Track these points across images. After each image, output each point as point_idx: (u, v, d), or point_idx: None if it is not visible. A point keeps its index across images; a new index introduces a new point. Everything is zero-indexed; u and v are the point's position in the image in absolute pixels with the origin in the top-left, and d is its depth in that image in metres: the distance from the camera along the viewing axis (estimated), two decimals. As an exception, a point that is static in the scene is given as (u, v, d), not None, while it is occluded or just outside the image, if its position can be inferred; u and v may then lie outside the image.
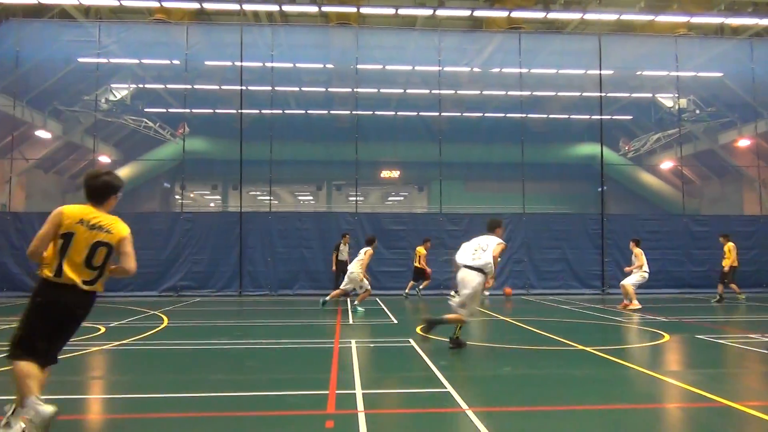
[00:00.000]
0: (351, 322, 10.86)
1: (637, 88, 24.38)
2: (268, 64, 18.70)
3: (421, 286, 16.62)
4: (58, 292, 3.88)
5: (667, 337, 8.81)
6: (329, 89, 22.77)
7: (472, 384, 5.76)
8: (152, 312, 12.32)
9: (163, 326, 10.11)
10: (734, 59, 20.86)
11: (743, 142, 24.81)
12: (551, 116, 23.44)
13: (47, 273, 3.88)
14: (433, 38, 19.23)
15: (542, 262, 18.06)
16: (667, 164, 27.18)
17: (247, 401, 5.19)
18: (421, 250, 16.45)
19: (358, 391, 5.33)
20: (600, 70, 19.09)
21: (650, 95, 25.20)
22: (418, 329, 8.47)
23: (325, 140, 23.07)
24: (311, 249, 17.53)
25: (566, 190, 23.87)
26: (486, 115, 22.40)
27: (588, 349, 7.69)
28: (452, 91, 22.05)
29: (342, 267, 15.02)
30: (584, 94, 21.30)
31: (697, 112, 24.07)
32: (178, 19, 20.41)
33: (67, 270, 3.87)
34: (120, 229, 4.05)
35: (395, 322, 10.88)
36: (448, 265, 17.62)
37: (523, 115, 20.02)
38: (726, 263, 15.10)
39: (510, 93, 20.92)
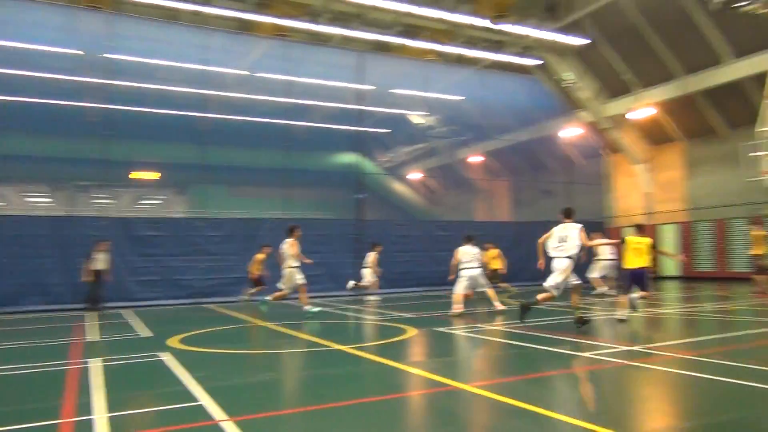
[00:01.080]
0: (93, 338, 9.72)
1: (392, 105, 26.55)
2: (-5, 42, 15.89)
3: (253, 290, 15.83)
4: None
5: (412, 331, 9.68)
6: (76, 78, 20.19)
7: (232, 393, 5.58)
8: None
9: None
10: (471, 86, 24.07)
11: (476, 159, 28.70)
12: (315, 125, 24.20)
13: None
14: (199, 35, 18.39)
15: (303, 266, 18.44)
16: (415, 175, 30.07)
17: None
18: (259, 256, 15.88)
19: (98, 416, 4.76)
20: (360, 84, 20.32)
21: (403, 112, 27.68)
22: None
23: (68, 135, 20.38)
24: (47, 259, 15.26)
25: (327, 196, 24.84)
26: (252, 119, 22.17)
27: (344, 348, 8.05)
28: (218, 92, 21.35)
29: (98, 276, 13.67)
30: (345, 105, 22.45)
31: (442, 129, 27.14)
32: None
33: None
34: None
35: (151, 335, 10.06)
36: (209, 272, 17.00)
37: (288, 122, 20.31)
38: (495, 265, 17.15)
39: (276, 99, 21.04)
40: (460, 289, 12.37)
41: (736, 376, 5.80)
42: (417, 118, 27.14)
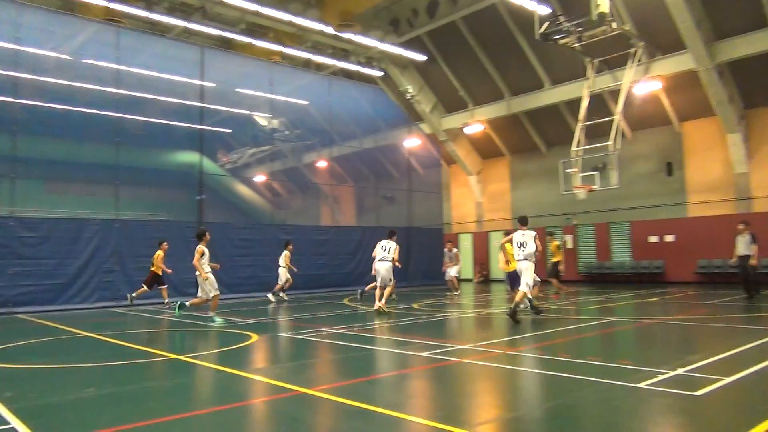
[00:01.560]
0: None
1: (236, 104, 25.70)
2: None
3: (141, 291, 14.99)
4: None
5: (255, 337, 9.43)
6: None
7: (46, 414, 4.96)
8: None
9: None
10: (317, 91, 24.15)
11: (321, 164, 28.85)
12: (151, 120, 22.60)
13: None
14: (9, 10, 16.25)
15: (136, 271, 17.08)
16: (260, 177, 29.44)
17: None
18: (160, 253, 15.08)
19: None
20: (202, 80, 19.38)
21: (247, 112, 26.95)
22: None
23: None
24: None
25: (164, 196, 23.30)
26: (75, 109, 20.06)
27: (180, 357, 7.59)
28: (33, 76, 19.00)
29: None
30: (186, 102, 21.27)
31: (287, 133, 26.88)
32: None
33: None
34: None
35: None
36: (18, 278, 15.03)
37: (120, 115, 18.71)
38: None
39: (105, 89, 19.26)
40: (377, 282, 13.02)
41: (551, 368, 6.46)
42: (261, 119, 26.61)
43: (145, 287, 15.24)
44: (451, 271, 18.84)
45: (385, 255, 13.25)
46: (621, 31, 18.43)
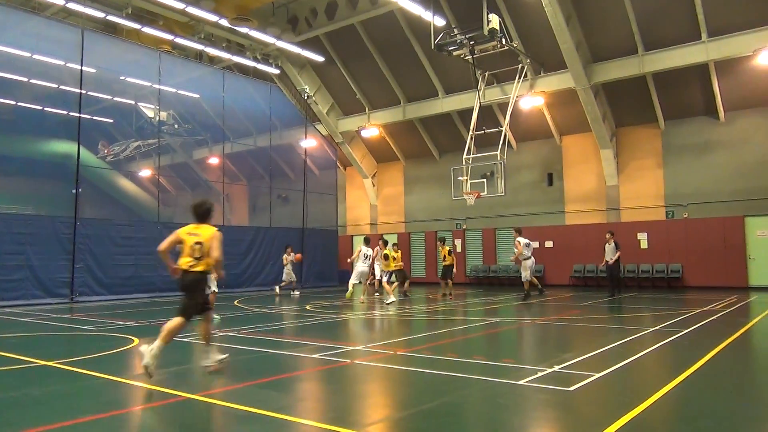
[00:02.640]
0: None
1: (120, 93, 24.16)
2: None
3: None
4: None
5: (136, 341, 8.89)
6: None
7: None
8: None
9: None
10: (210, 85, 23.28)
11: (213, 160, 27.86)
12: (21, 104, 20.67)
13: None
14: None
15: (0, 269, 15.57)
16: (145, 172, 27.87)
17: None
18: None
19: None
20: (81, 65, 18.01)
21: (132, 102, 25.42)
22: None
23: None
24: None
25: (34, 188, 21.37)
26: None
27: (51, 363, 6.99)
28: None
29: None
30: (62, 87, 19.67)
31: (176, 126, 25.67)
32: None
33: None
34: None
35: None
36: None
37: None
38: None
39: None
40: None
41: (440, 368, 6.67)
42: (148, 110, 25.22)
43: None
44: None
45: (366, 262, 15.89)
46: (509, 48, 19.48)
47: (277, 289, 19.64)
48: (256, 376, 6.64)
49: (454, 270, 18.09)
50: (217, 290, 11.74)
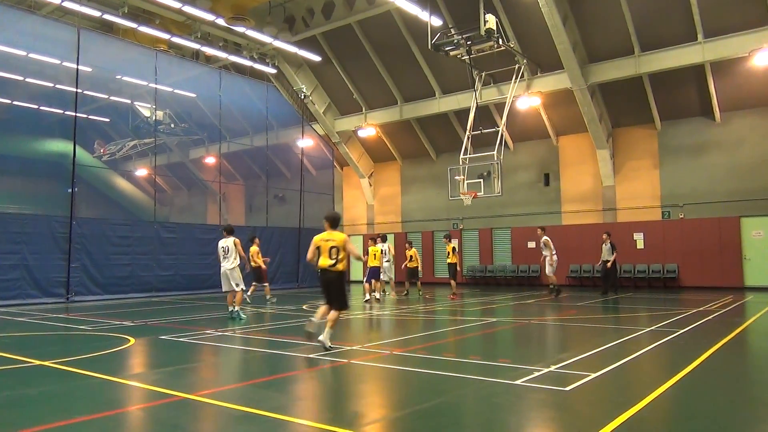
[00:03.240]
0: None
1: (116, 92, 24.08)
2: None
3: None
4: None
5: (132, 341, 8.87)
6: None
7: None
8: None
9: None
10: (206, 84, 23.22)
11: (210, 160, 27.82)
12: (16, 103, 20.60)
13: None
14: None
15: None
16: (141, 172, 27.81)
17: None
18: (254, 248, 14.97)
19: None
20: (77, 64, 17.94)
21: (129, 101, 25.35)
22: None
23: None
24: None
25: (31, 188, 21.29)
26: None
27: (47, 363, 6.96)
28: None
29: None
30: (58, 86, 19.59)
31: (172, 125, 25.61)
32: None
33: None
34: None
35: None
36: None
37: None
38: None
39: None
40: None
41: (436, 368, 6.67)
42: (144, 109, 25.14)
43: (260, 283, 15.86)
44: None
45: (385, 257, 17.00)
46: (506, 48, 19.50)
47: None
48: (252, 375, 6.63)
49: (459, 269, 18.56)
50: (245, 288, 12.19)
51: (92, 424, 4.59)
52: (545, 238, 17.06)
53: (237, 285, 11.69)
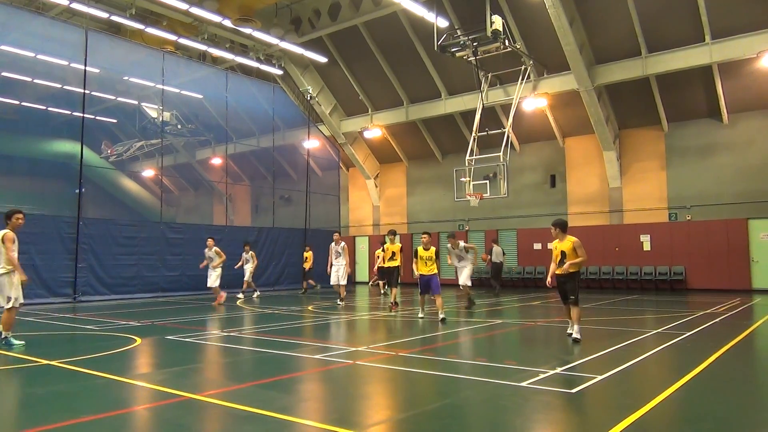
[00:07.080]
0: None
1: (123, 93, 24.20)
2: None
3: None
4: None
5: (139, 341, 8.90)
6: None
7: None
8: None
9: None
10: (213, 85, 23.30)
11: (216, 161, 27.91)
12: (25, 104, 20.73)
13: None
14: None
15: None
16: (148, 172, 27.92)
17: None
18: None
19: None
20: (85, 65, 18.04)
21: (136, 102, 25.47)
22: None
23: None
24: None
25: (39, 188, 21.43)
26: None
27: (54, 362, 7.00)
28: None
29: None
30: (66, 87, 19.72)
31: (179, 126, 25.71)
32: None
33: None
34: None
35: None
36: None
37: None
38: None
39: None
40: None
41: (442, 369, 6.66)
42: (151, 110, 25.25)
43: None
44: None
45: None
46: (513, 49, 19.46)
47: (241, 295, 18.05)
48: (258, 376, 6.64)
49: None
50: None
51: (99, 424, 4.61)
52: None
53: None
